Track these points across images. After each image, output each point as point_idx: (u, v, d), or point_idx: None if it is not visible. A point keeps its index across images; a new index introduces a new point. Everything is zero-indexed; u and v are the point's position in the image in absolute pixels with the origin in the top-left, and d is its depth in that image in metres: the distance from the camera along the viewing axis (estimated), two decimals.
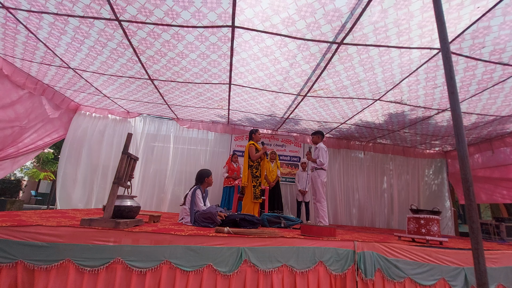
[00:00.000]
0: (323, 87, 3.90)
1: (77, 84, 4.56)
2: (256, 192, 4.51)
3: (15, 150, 4.57)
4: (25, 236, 2.07)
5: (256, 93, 4.31)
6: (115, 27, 2.85)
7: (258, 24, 2.67)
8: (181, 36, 2.93)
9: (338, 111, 4.88)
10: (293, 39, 2.87)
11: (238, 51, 3.18)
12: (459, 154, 1.20)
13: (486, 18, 2.45)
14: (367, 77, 3.55)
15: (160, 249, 2.19)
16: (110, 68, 3.76)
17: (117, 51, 3.30)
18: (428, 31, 2.64)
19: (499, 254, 2.94)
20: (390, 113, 4.72)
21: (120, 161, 2.54)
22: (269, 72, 3.57)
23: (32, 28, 3.01)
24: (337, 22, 2.58)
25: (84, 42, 3.16)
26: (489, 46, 2.79)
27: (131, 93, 4.71)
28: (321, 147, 4.72)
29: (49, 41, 3.22)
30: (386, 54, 3.04)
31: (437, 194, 7.21)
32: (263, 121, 5.97)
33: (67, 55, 3.50)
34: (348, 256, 2.57)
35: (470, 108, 4.18)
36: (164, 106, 5.34)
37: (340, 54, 3.09)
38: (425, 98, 4.02)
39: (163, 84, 4.18)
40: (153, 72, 3.79)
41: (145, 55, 3.35)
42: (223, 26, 2.74)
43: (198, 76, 3.83)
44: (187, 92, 4.44)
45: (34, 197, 16.96)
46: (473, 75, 3.31)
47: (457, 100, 1.23)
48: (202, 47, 3.12)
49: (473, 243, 1.14)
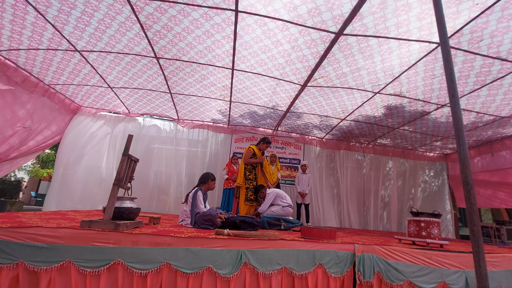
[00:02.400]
0: (323, 74, 3.93)
1: (82, 73, 4.54)
2: (248, 194, 4.51)
3: (17, 152, 4.58)
4: (25, 238, 2.07)
5: (258, 79, 4.34)
6: (123, 2, 2.93)
7: (261, 8, 2.76)
8: (186, 13, 3.01)
9: (338, 102, 4.85)
10: (294, 25, 2.95)
11: (241, 35, 3.27)
12: (460, 156, 1.20)
13: (484, 15, 2.49)
14: (366, 65, 3.59)
15: (160, 251, 2.18)
16: (118, 44, 3.79)
17: (125, 25, 3.37)
18: (427, 24, 2.69)
19: (500, 258, 2.93)
20: (390, 105, 4.74)
21: (120, 163, 2.54)
22: (272, 54, 3.63)
23: (41, 9, 3.05)
24: (337, 11, 2.65)
25: (93, 15, 3.21)
26: (487, 39, 2.83)
27: (136, 76, 4.66)
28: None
29: (58, 20, 3.27)
30: (385, 44, 3.10)
31: (438, 197, 7.20)
32: (264, 115, 5.89)
33: (75, 33, 3.54)
34: (348, 259, 2.56)
35: (469, 104, 4.19)
36: (167, 96, 5.28)
37: (340, 43, 3.15)
38: (424, 89, 4.05)
39: (168, 63, 4.20)
40: (159, 49, 3.84)
41: (151, 30, 3.42)
42: (226, 9, 2.84)
43: (202, 55, 3.88)
44: (191, 74, 4.44)
45: (34, 198, 16.94)
46: (472, 67, 3.37)
47: (458, 103, 1.24)
48: (207, 25, 3.21)
49: (474, 246, 1.14)
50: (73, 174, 5.60)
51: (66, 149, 5.66)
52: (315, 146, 6.95)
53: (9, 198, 10.47)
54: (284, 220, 3.89)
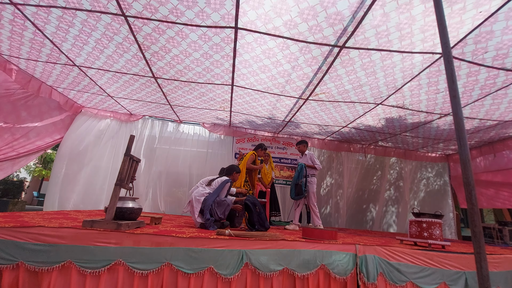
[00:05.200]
0: (325, 91, 3.91)
1: (81, 84, 4.58)
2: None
3: (15, 152, 4.60)
4: (27, 237, 2.08)
5: (258, 95, 4.33)
6: (122, 22, 2.91)
7: (261, 26, 2.71)
8: (185, 34, 2.98)
9: (340, 115, 4.88)
10: (295, 42, 2.89)
11: (241, 53, 3.22)
12: (461, 158, 1.20)
13: (488, 22, 2.44)
14: (369, 81, 3.55)
15: (161, 251, 2.19)
16: (115, 64, 3.79)
17: (123, 45, 3.36)
18: (431, 36, 2.65)
19: (502, 259, 2.92)
20: (392, 117, 4.71)
21: (122, 163, 2.55)
22: (271, 75, 3.59)
23: (39, 24, 3.06)
24: (339, 26, 2.60)
25: (91, 35, 3.21)
26: (492, 51, 2.78)
27: (135, 91, 4.72)
28: (310, 153, 4.94)
29: (56, 36, 3.27)
30: (388, 58, 3.05)
31: (439, 198, 7.17)
32: (264, 124, 5.97)
33: (73, 50, 3.54)
34: (349, 260, 2.56)
35: (472, 113, 4.16)
36: (167, 106, 5.35)
37: (342, 58, 3.10)
38: (427, 103, 4.01)
39: (166, 83, 4.21)
40: (157, 70, 3.83)
41: (149, 51, 3.40)
42: (226, 27, 2.78)
43: (201, 76, 3.86)
44: (190, 92, 4.46)
45: (36, 198, 17.00)
46: (476, 80, 3.31)
47: (459, 104, 1.24)
48: (205, 47, 3.16)
49: (475, 247, 1.13)
50: (74, 173, 5.62)
51: (68, 149, 5.68)
52: (316, 148, 6.94)
53: (12, 198, 10.52)
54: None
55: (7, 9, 2.85)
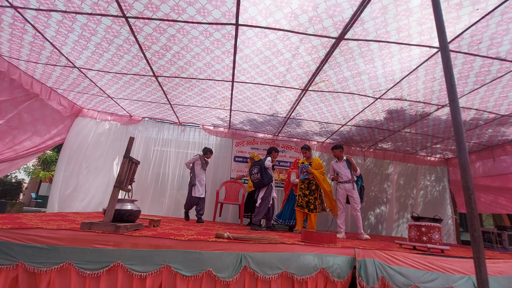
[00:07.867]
0: (324, 78, 3.94)
1: (81, 85, 4.59)
2: (299, 200, 4.83)
3: (13, 153, 4.59)
4: (25, 239, 2.07)
5: (258, 89, 4.35)
6: (122, 23, 2.92)
7: (262, 20, 2.76)
8: (186, 31, 3.00)
9: (339, 108, 4.84)
10: (295, 34, 2.95)
11: (242, 48, 3.26)
12: (460, 162, 1.20)
13: (485, 20, 2.50)
14: (367, 69, 3.58)
15: (159, 254, 2.18)
16: (116, 66, 3.80)
17: (123, 47, 3.37)
18: (428, 29, 2.70)
19: (504, 264, 2.90)
20: (391, 109, 4.73)
21: (121, 165, 2.55)
22: (272, 64, 3.63)
23: (39, 27, 3.07)
24: (339, 17, 2.66)
25: (90, 40, 3.21)
26: (486, 41, 2.84)
27: (135, 92, 4.73)
28: (348, 157, 4.83)
29: (56, 40, 3.28)
30: (386, 48, 3.11)
31: (439, 202, 7.16)
32: (264, 122, 5.92)
33: (73, 53, 3.55)
34: (348, 264, 2.55)
35: (468, 101, 4.18)
36: (167, 106, 5.34)
37: (341, 48, 3.16)
38: (425, 92, 4.05)
39: (167, 80, 4.21)
40: (158, 68, 3.84)
41: (150, 51, 3.41)
42: (227, 24, 2.82)
43: (201, 71, 3.88)
44: (191, 88, 4.46)
45: (34, 199, 16.92)
46: (471, 67, 3.37)
47: (458, 107, 1.24)
48: (207, 42, 3.19)
49: (474, 252, 1.13)
50: (75, 175, 5.61)
51: (68, 151, 5.69)
52: (315, 151, 6.94)
53: (10, 199, 10.47)
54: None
55: (7, 13, 2.86)
